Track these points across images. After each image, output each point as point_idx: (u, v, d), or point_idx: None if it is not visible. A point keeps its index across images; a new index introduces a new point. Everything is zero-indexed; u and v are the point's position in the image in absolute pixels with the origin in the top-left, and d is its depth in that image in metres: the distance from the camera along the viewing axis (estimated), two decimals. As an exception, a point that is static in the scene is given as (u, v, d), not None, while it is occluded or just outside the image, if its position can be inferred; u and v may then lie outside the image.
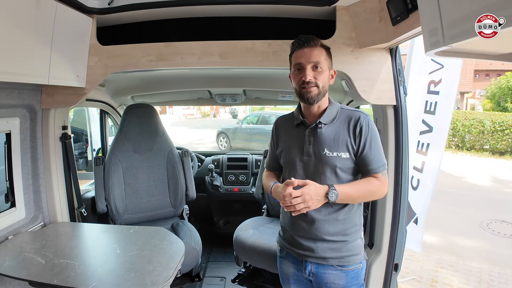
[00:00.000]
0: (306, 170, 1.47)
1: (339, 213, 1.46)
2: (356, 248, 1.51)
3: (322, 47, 1.43)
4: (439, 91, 2.84)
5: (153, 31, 2.04)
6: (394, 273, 1.99)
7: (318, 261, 1.49)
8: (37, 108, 1.97)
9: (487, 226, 5.35)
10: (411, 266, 4.04)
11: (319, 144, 1.45)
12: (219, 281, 3.01)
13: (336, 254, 1.48)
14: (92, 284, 1.39)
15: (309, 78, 1.39)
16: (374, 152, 1.44)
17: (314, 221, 1.46)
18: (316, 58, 1.40)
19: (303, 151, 1.48)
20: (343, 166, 1.44)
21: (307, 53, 1.41)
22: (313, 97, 1.41)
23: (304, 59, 1.41)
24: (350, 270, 1.50)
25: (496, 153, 11.61)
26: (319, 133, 1.46)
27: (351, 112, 1.49)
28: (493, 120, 11.67)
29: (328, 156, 1.43)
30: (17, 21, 1.42)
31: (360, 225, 1.54)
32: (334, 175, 1.44)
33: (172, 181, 2.75)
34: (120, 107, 3.27)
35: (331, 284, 1.50)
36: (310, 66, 1.40)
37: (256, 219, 2.61)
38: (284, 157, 1.56)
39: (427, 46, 1.01)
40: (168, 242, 1.78)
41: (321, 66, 1.41)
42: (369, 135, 1.43)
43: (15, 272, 1.51)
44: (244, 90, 3.08)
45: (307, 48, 1.41)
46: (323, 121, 1.46)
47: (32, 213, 2.00)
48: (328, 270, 1.49)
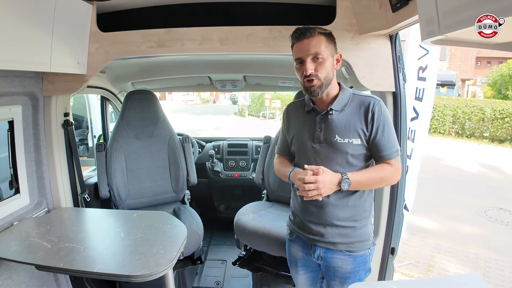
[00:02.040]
0: (317, 157, 1.47)
1: (350, 198, 1.47)
2: (365, 234, 1.52)
3: (321, 34, 1.40)
4: (426, 77, 2.85)
5: (153, 17, 2.03)
6: (391, 256, 2.04)
7: (327, 245, 1.52)
8: (39, 96, 1.98)
9: (485, 213, 5.42)
10: (408, 251, 4.12)
11: (330, 130, 1.45)
12: (220, 264, 3.09)
13: (345, 240, 1.50)
14: (98, 266, 1.43)
15: (310, 71, 1.38)
16: (387, 138, 1.43)
17: (324, 206, 1.48)
18: (314, 49, 1.37)
19: (314, 137, 1.48)
20: (354, 153, 1.44)
21: (305, 45, 1.38)
22: (316, 90, 1.40)
23: (302, 52, 1.39)
24: (358, 255, 1.52)
25: (496, 141, 11.62)
26: (330, 120, 1.45)
27: (363, 97, 1.47)
28: (493, 107, 11.64)
29: (339, 143, 1.43)
30: (18, 9, 1.42)
31: (370, 211, 1.55)
32: (345, 161, 1.44)
33: (173, 167, 2.78)
34: (120, 93, 3.27)
35: (338, 268, 1.53)
36: (309, 59, 1.38)
37: (256, 203, 2.65)
38: (296, 143, 1.56)
39: (423, 34, 1.01)
40: (170, 225, 1.82)
41: (322, 56, 1.38)
42: (381, 121, 1.42)
43: (21, 256, 1.54)
44: (244, 76, 3.07)
45: (305, 39, 1.38)
46: (334, 107, 1.45)
47: (36, 199, 2.03)
48: (336, 255, 1.52)
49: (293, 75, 2.83)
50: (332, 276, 1.55)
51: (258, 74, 2.95)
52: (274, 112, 17.61)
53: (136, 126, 2.71)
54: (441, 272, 3.74)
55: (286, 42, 1.75)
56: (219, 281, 2.82)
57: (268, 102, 17.20)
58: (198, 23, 1.93)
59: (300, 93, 2.62)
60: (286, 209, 2.58)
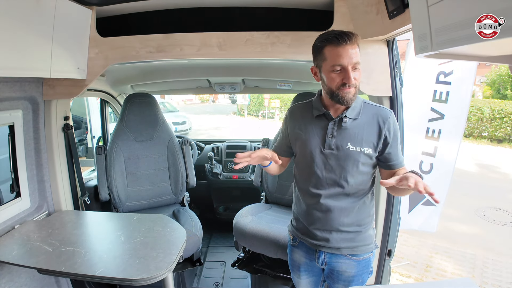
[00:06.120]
0: (326, 163, 1.45)
1: (355, 204, 1.47)
2: (368, 238, 1.53)
3: (357, 41, 1.32)
4: (451, 82, 2.95)
5: (152, 22, 2.05)
6: (388, 258, 2.07)
7: (332, 251, 1.51)
8: (39, 100, 2.00)
9: (483, 214, 5.44)
10: (406, 251, 4.15)
11: (343, 138, 1.42)
12: (219, 265, 3.11)
13: (349, 244, 1.50)
14: (99, 270, 1.46)
15: (353, 81, 1.31)
16: (399, 148, 1.45)
17: (329, 212, 1.46)
18: (357, 58, 1.30)
19: (324, 143, 1.44)
20: (365, 161, 1.42)
21: (348, 52, 1.29)
22: (351, 98, 1.35)
23: (346, 59, 1.29)
24: (362, 259, 1.52)
25: (494, 141, 11.66)
26: (344, 127, 1.42)
27: (377, 108, 1.45)
28: (492, 107, 11.66)
29: (351, 151, 1.41)
30: (18, 16, 1.43)
31: (373, 216, 1.56)
32: (355, 169, 1.42)
33: (172, 169, 2.81)
34: (120, 96, 3.29)
35: (343, 272, 1.53)
36: (351, 67, 1.30)
37: (255, 205, 2.67)
38: (301, 148, 1.52)
39: (417, 49, 1.03)
40: (170, 229, 1.84)
41: (359, 65, 1.32)
42: (395, 133, 1.43)
43: (23, 260, 1.56)
44: (243, 79, 3.09)
45: (348, 46, 1.28)
46: (349, 115, 1.41)
47: (37, 203, 2.06)
48: (340, 260, 1.52)
49: (291, 78, 2.88)
50: (336, 280, 1.56)
51: (257, 77, 2.96)
52: (273, 112, 17.62)
53: (135, 128, 2.72)
54: (438, 272, 3.77)
55: (284, 48, 1.78)
56: (218, 282, 2.85)
57: (267, 102, 17.20)
58: (197, 29, 1.95)
59: (300, 95, 2.63)
60: (284, 211, 2.60)
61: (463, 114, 3.00)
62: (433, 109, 3.00)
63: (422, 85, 2.98)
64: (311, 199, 1.50)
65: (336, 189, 1.45)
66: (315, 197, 1.48)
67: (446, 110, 2.97)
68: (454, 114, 2.96)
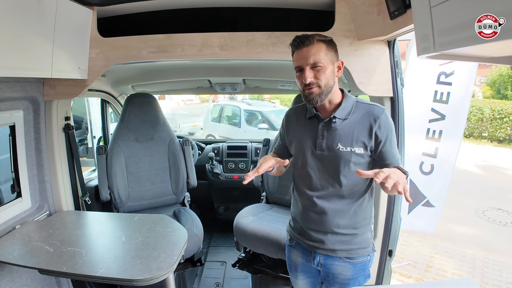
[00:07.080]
0: (319, 164, 1.46)
1: (351, 206, 1.46)
2: (365, 241, 1.52)
3: (321, 42, 1.36)
4: (452, 82, 2.95)
5: (153, 22, 2.05)
6: (388, 258, 2.07)
7: (327, 252, 1.52)
8: (40, 100, 2.00)
9: (482, 214, 5.43)
10: (406, 252, 4.15)
11: (332, 138, 1.43)
12: (220, 266, 3.11)
13: (345, 247, 1.49)
14: (100, 270, 1.46)
15: (309, 80, 1.35)
16: (393, 146, 1.42)
17: (325, 213, 1.47)
18: (313, 57, 1.34)
19: (316, 144, 1.46)
20: (357, 161, 1.41)
21: (304, 54, 1.35)
22: (315, 98, 1.37)
23: (302, 60, 1.36)
24: (358, 262, 1.52)
25: (495, 141, 11.64)
26: (333, 128, 1.42)
27: (368, 106, 1.44)
28: (492, 108, 11.63)
29: (342, 151, 1.41)
30: (20, 16, 1.43)
31: (370, 219, 1.55)
32: (347, 170, 1.42)
33: (173, 169, 2.81)
34: (120, 96, 3.29)
35: (338, 275, 1.53)
36: (309, 67, 1.35)
37: (256, 206, 2.67)
38: (296, 150, 1.54)
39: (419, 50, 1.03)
40: (171, 229, 1.84)
41: (321, 64, 1.34)
42: (388, 131, 1.40)
43: (24, 261, 1.56)
44: (244, 79, 3.10)
45: (304, 47, 1.35)
46: (338, 115, 1.42)
47: (37, 203, 2.06)
48: (336, 262, 1.52)
49: (292, 79, 2.88)
50: (332, 282, 1.56)
51: (257, 77, 2.97)
52: (273, 112, 17.57)
53: (136, 129, 2.73)
54: (439, 272, 3.77)
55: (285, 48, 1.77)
56: (219, 283, 2.85)
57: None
58: (198, 29, 1.95)
59: (300, 96, 2.63)
60: (285, 212, 2.60)
61: (463, 114, 3.00)
62: (434, 109, 3.00)
63: (423, 86, 2.98)
64: (307, 200, 1.51)
65: (330, 190, 1.46)
66: (310, 198, 1.49)
67: (447, 111, 2.97)
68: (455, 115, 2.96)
